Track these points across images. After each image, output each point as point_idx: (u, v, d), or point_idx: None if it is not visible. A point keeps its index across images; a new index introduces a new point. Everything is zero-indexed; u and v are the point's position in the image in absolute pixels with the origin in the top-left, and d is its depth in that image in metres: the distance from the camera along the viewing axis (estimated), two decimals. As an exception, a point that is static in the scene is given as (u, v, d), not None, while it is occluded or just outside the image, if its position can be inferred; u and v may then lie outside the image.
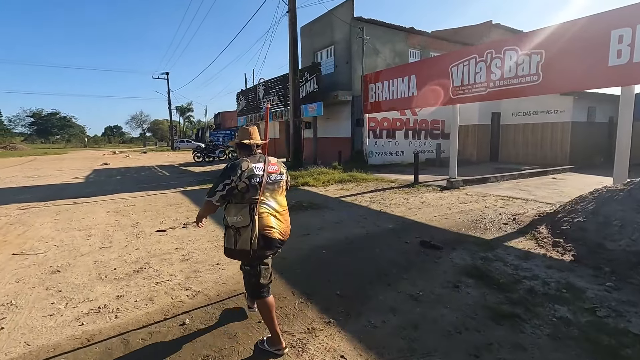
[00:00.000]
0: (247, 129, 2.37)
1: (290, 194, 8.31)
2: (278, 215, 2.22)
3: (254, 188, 2.11)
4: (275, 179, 2.24)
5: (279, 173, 2.27)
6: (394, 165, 13.39)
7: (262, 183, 2.13)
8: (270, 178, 2.20)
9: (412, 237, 4.56)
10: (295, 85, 12.40)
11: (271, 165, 2.24)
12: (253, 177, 2.11)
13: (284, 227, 2.26)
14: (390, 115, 13.32)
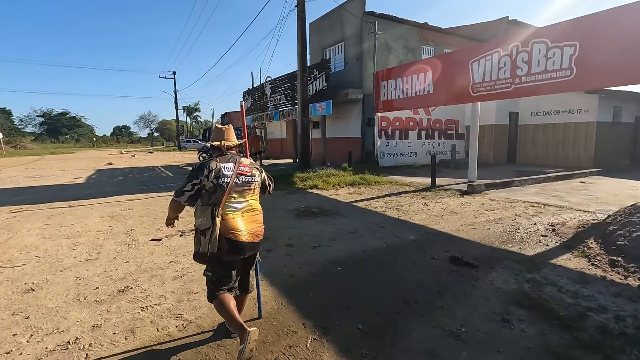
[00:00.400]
0: (220, 129, 2.33)
1: (298, 198, 7.81)
2: (247, 217, 2.18)
3: (221, 189, 2.08)
4: (245, 181, 2.19)
5: (249, 175, 2.21)
6: (406, 167, 12.77)
7: (229, 184, 2.09)
8: (240, 179, 2.16)
9: (439, 252, 3.97)
10: (304, 83, 11.86)
11: (242, 166, 2.19)
12: (221, 178, 2.08)
13: (254, 228, 2.20)
14: (402, 115, 12.70)
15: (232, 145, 2.29)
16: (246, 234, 2.13)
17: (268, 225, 5.44)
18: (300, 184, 9.15)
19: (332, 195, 7.65)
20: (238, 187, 2.15)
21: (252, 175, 2.22)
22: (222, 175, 2.09)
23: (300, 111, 12.03)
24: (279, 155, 19.69)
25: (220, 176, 2.08)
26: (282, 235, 4.75)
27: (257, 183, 2.26)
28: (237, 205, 2.14)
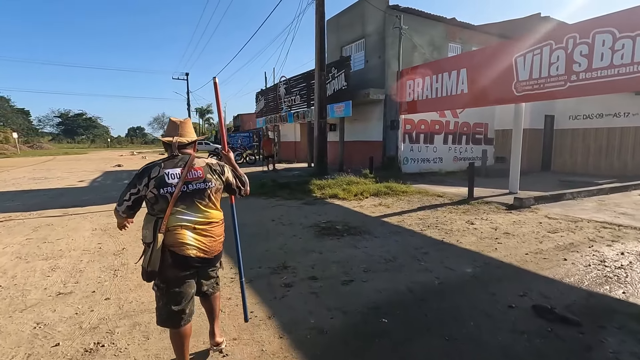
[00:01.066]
0: (174, 122, 1.96)
1: (317, 210, 6.87)
2: (199, 229, 1.84)
3: (164, 199, 1.75)
4: (197, 189, 1.85)
5: (202, 180, 1.86)
6: (431, 174, 11.73)
7: (174, 194, 1.75)
8: (189, 187, 1.82)
9: (514, 295, 2.99)
10: (322, 82, 10.98)
11: (193, 170, 1.85)
12: (163, 187, 1.75)
13: (207, 243, 1.87)
14: (428, 117, 11.68)
15: (185, 143, 1.91)
16: (195, 248, 1.81)
17: (286, 246, 4.36)
18: (318, 192, 8.23)
19: (356, 207, 6.70)
20: (187, 197, 1.81)
21: (205, 181, 1.87)
22: (164, 184, 1.76)
23: (317, 112, 11.14)
24: (292, 159, 18.85)
25: (162, 185, 1.76)
26: (304, 262, 3.84)
27: (213, 189, 1.91)
28: (186, 217, 1.80)
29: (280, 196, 7.97)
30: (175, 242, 1.75)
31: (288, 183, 9.08)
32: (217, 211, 1.94)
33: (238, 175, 2.15)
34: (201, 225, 1.84)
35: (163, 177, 1.77)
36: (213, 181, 1.90)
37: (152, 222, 1.76)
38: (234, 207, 2.56)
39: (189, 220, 1.80)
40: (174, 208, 1.77)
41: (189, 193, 1.81)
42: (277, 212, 6.40)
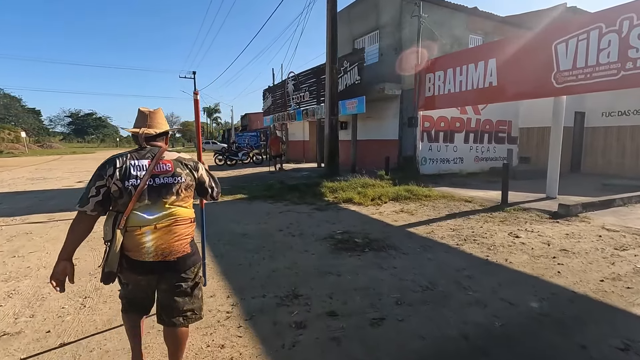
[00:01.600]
0: (143, 112, 1.77)
1: (330, 217, 5.97)
2: (162, 230, 1.62)
3: (127, 193, 1.57)
4: (164, 183, 1.64)
5: (170, 174, 1.66)
6: (451, 175, 10.83)
7: (138, 187, 1.57)
8: (156, 181, 1.63)
9: (610, 347, 2.17)
10: (333, 77, 10.19)
11: (162, 163, 1.66)
12: (127, 179, 1.58)
13: (167, 242, 1.63)
14: (448, 114, 10.80)
15: (153, 134, 1.72)
16: (152, 251, 1.59)
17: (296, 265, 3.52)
18: (331, 196, 7.45)
19: (375, 214, 5.90)
20: (153, 192, 1.61)
21: (174, 175, 1.67)
22: (129, 177, 1.58)
23: (328, 109, 10.36)
24: (301, 159, 18.10)
25: (126, 177, 1.58)
26: (319, 288, 3.06)
27: (183, 185, 1.68)
28: (147, 216, 1.59)
29: (288, 200, 7.21)
30: (132, 246, 1.60)
31: (297, 185, 8.32)
32: (185, 209, 1.73)
33: (213, 178, 1.95)
34: (164, 223, 1.64)
35: (129, 168, 1.60)
36: (183, 176, 1.70)
37: (112, 218, 1.60)
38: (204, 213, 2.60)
39: (151, 219, 1.61)
40: (138, 203, 1.60)
41: (155, 187, 1.63)
42: (286, 219, 5.64)
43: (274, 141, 12.97)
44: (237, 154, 16.64)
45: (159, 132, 1.76)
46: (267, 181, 10.42)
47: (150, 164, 1.64)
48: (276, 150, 12.89)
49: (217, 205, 6.93)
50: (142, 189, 1.59)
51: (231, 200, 7.55)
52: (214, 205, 6.87)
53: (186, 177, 1.71)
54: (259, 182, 10.43)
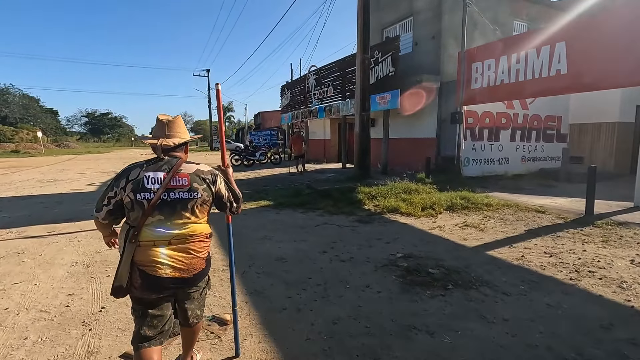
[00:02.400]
0: (162, 121, 1.63)
1: (380, 232, 4.20)
2: (178, 246, 1.55)
3: (140, 206, 1.50)
4: (179, 198, 1.54)
5: (186, 189, 1.55)
6: (496, 177, 9.63)
7: (152, 201, 1.49)
8: (170, 196, 1.52)
9: None
10: (365, 68, 9.13)
11: (178, 177, 1.55)
12: (140, 192, 1.49)
13: (184, 260, 1.56)
14: (494, 109, 9.59)
15: (172, 146, 1.60)
16: (169, 267, 1.52)
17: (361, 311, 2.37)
18: (370, 203, 6.42)
19: (434, 229, 4.83)
20: (166, 207, 1.52)
21: (191, 191, 1.56)
22: (142, 189, 1.49)
23: (358, 104, 9.31)
24: (321, 159, 17.09)
25: (139, 189, 1.49)
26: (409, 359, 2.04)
27: (199, 201, 1.58)
28: (162, 230, 1.51)
29: (322, 209, 6.21)
30: (146, 260, 1.50)
31: (329, 191, 7.31)
32: (201, 225, 1.62)
33: (232, 189, 1.79)
34: (179, 239, 1.54)
35: (142, 180, 1.51)
36: (200, 192, 1.58)
37: (125, 231, 1.53)
38: (231, 228, 2.25)
39: (165, 235, 1.52)
40: (150, 218, 1.50)
41: (169, 202, 1.52)
42: (326, 235, 4.64)
43: (296, 140, 11.98)
44: (254, 154, 15.74)
45: (178, 144, 1.62)
46: (291, 184, 9.46)
47: (166, 177, 1.53)
48: (298, 150, 11.90)
49: (241, 215, 5.98)
50: (155, 204, 1.50)
51: (255, 208, 6.60)
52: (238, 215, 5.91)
53: (203, 192, 1.60)
54: (281, 185, 9.49)
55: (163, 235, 1.52)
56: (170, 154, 1.60)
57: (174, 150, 1.62)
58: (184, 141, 1.64)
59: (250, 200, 7.32)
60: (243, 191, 7.13)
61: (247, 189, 8.93)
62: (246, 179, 11.17)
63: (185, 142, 1.66)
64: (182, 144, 1.66)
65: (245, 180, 10.96)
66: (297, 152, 11.92)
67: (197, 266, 1.61)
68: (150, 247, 1.50)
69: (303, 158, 12.15)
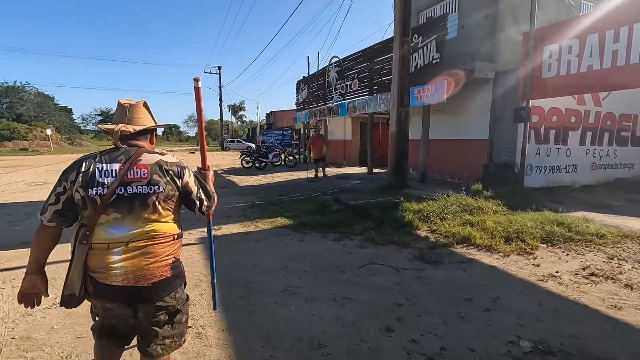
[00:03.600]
0: (123, 105, 1.45)
1: (455, 284, 2.61)
2: (135, 249, 1.33)
3: (92, 203, 1.29)
4: (137, 192, 1.33)
5: (145, 182, 1.34)
6: (562, 189, 7.85)
7: (105, 196, 1.29)
8: (127, 190, 1.32)
9: None
10: (405, 53, 7.48)
11: (136, 168, 1.34)
12: (91, 186, 1.29)
13: (141, 263, 1.33)
14: (562, 105, 7.81)
15: (131, 132, 1.39)
16: (121, 274, 1.31)
17: None
18: (424, 227, 4.79)
19: (547, 281, 3.14)
20: (123, 203, 1.31)
21: (150, 184, 1.34)
22: (94, 184, 1.29)
23: (396, 98, 7.66)
24: (341, 162, 15.47)
25: (90, 183, 1.29)
26: None
27: (161, 196, 1.36)
28: (117, 232, 1.31)
29: (360, 234, 4.59)
30: (98, 265, 1.31)
31: (364, 206, 5.65)
32: (167, 224, 1.40)
33: (204, 185, 1.55)
34: (138, 241, 1.33)
35: (94, 173, 1.30)
36: (162, 185, 1.36)
37: (75, 231, 1.33)
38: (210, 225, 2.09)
39: (122, 236, 1.32)
40: (104, 216, 1.31)
41: (126, 197, 1.31)
42: (380, 289, 3.02)
43: (316, 141, 10.38)
44: (267, 156, 14.22)
45: (139, 130, 1.42)
46: (312, 194, 7.87)
47: (122, 168, 1.32)
48: (318, 153, 10.31)
49: (252, 241, 4.41)
50: (108, 200, 1.29)
51: (270, 229, 5.03)
52: (247, 242, 4.34)
53: (165, 185, 1.37)
54: (300, 194, 7.91)
55: (119, 236, 1.31)
56: (130, 143, 1.42)
57: (134, 138, 1.43)
58: (146, 128, 1.46)
59: (263, 216, 5.77)
60: (254, 201, 5.39)
61: (259, 199, 7.38)
62: (258, 185, 9.64)
63: (148, 129, 1.47)
64: (145, 132, 1.48)
65: (257, 186, 9.42)
66: (317, 154, 10.32)
67: (158, 273, 1.36)
68: (103, 250, 1.30)
69: (323, 161, 10.55)
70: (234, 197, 7.73)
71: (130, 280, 1.31)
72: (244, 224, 5.33)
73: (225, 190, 8.87)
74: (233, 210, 6.41)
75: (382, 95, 9.92)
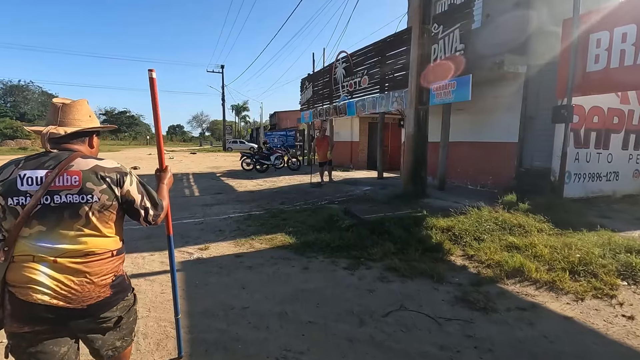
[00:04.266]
0: (55, 104, 1.29)
1: (524, 350, 1.45)
2: (64, 263, 1.17)
3: (13, 213, 1.16)
4: (66, 202, 1.18)
5: (76, 191, 1.19)
6: (604, 199, 6.90)
7: (27, 207, 1.15)
8: (55, 199, 1.17)
9: None
10: (425, 43, 6.56)
11: (67, 175, 1.18)
12: (12, 195, 1.15)
13: (72, 283, 1.17)
14: (604, 103, 6.84)
15: (60, 135, 1.23)
16: (49, 293, 1.15)
17: None
18: (457, 251, 3.87)
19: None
20: (50, 214, 1.16)
21: (82, 193, 1.19)
22: (15, 192, 1.15)
23: (414, 95, 6.75)
24: (347, 165, 14.56)
25: (11, 192, 1.15)
26: None
27: (95, 206, 1.21)
28: (42, 245, 1.16)
29: (379, 259, 3.68)
30: (20, 279, 1.14)
31: (381, 222, 4.71)
32: (103, 239, 1.25)
33: (150, 193, 1.36)
34: (68, 257, 1.17)
35: (14, 180, 1.16)
36: (95, 194, 1.20)
37: None
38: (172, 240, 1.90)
39: (49, 250, 1.16)
40: (27, 229, 1.15)
41: (53, 208, 1.17)
42: (418, 356, 2.10)
43: (321, 142, 9.46)
44: (268, 158, 13.32)
45: (70, 132, 1.24)
46: (318, 202, 6.96)
47: (48, 175, 1.17)
48: (323, 156, 9.40)
49: (243, 268, 3.51)
50: (31, 210, 1.15)
51: (267, 250, 4.13)
52: (237, 270, 3.44)
53: (101, 195, 1.21)
54: (304, 202, 7.02)
55: (45, 251, 1.16)
56: (62, 147, 1.26)
57: (68, 141, 1.27)
58: (80, 130, 1.28)
59: (261, 231, 4.87)
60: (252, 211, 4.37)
61: (258, 208, 6.49)
62: (258, 191, 8.74)
63: (84, 131, 1.30)
64: (81, 134, 1.30)
65: (256, 192, 8.52)
66: (323, 157, 9.42)
67: (95, 295, 1.22)
68: (28, 262, 1.15)
69: (330, 165, 9.64)
70: (229, 206, 6.84)
71: (60, 300, 1.16)
72: (237, 242, 4.43)
73: (221, 196, 7.98)
74: (226, 222, 5.52)
75: (395, 92, 9.00)
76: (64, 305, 1.16)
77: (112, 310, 1.29)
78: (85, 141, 1.33)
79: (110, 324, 1.30)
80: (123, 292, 1.33)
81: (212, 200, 7.51)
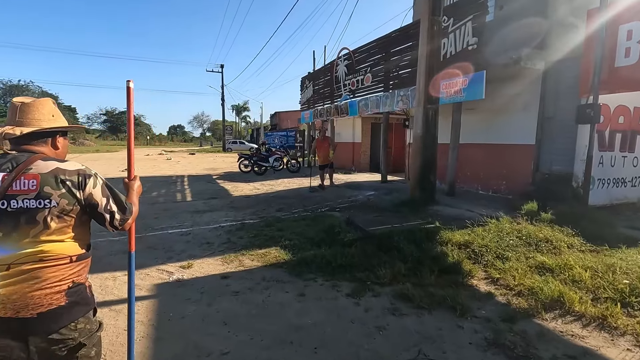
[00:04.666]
0: (14, 104, 1.24)
1: None
2: (17, 271, 1.11)
3: None
4: (23, 207, 1.12)
5: (33, 196, 1.13)
6: (628, 206, 6.34)
7: None
8: (12, 204, 1.11)
9: None
10: (434, 35, 6.02)
11: (24, 178, 1.13)
12: None
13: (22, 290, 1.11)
14: (630, 102, 6.28)
15: (16, 135, 1.17)
16: None
17: None
18: (479, 272, 3.33)
19: None
20: (6, 219, 1.11)
21: (40, 197, 1.13)
22: None
23: (422, 93, 6.20)
24: (349, 167, 14.01)
25: None
26: None
27: (54, 211, 1.15)
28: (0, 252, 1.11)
29: (388, 284, 3.14)
30: None
31: (388, 236, 4.16)
32: (61, 244, 1.18)
33: (117, 198, 1.30)
34: (22, 264, 1.12)
35: None
36: (54, 198, 1.14)
37: None
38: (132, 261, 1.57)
39: (2, 258, 1.11)
40: None
41: (10, 213, 1.11)
42: None
43: (322, 144, 8.91)
44: (267, 159, 12.79)
45: (26, 132, 1.19)
46: (318, 209, 6.42)
47: (5, 178, 1.12)
48: (324, 158, 8.86)
49: (228, 298, 2.97)
50: None
51: (258, 269, 3.60)
52: (220, 297, 2.90)
53: (60, 199, 1.15)
54: (303, 209, 6.49)
55: (0, 258, 1.12)
56: (22, 148, 1.21)
57: (28, 142, 1.22)
58: (38, 130, 1.22)
59: (253, 244, 4.34)
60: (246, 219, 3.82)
61: (253, 216, 5.96)
62: (254, 196, 8.20)
63: (44, 131, 1.23)
64: (43, 135, 1.24)
65: (253, 197, 7.99)
66: (324, 159, 8.87)
67: (45, 301, 1.14)
68: None
69: (331, 168, 9.10)
70: (222, 213, 6.31)
71: (9, 310, 1.10)
72: (225, 258, 3.90)
73: (214, 202, 7.45)
74: (216, 233, 4.98)
75: (400, 91, 8.47)
76: (13, 316, 1.09)
77: (69, 328, 1.16)
78: (47, 142, 1.27)
79: (67, 350, 1.14)
80: (82, 306, 1.21)
81: (204, 206, 6.97)
